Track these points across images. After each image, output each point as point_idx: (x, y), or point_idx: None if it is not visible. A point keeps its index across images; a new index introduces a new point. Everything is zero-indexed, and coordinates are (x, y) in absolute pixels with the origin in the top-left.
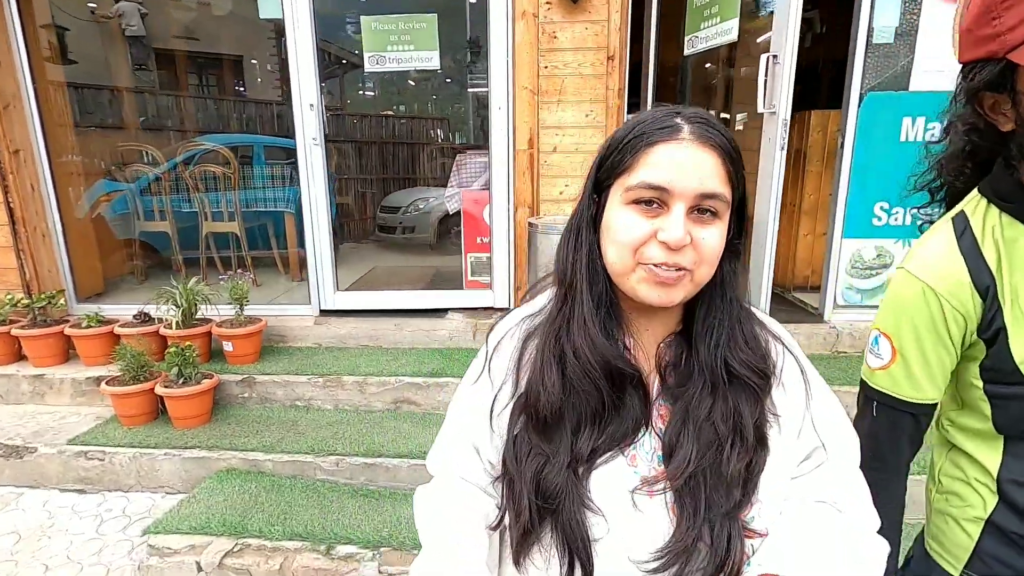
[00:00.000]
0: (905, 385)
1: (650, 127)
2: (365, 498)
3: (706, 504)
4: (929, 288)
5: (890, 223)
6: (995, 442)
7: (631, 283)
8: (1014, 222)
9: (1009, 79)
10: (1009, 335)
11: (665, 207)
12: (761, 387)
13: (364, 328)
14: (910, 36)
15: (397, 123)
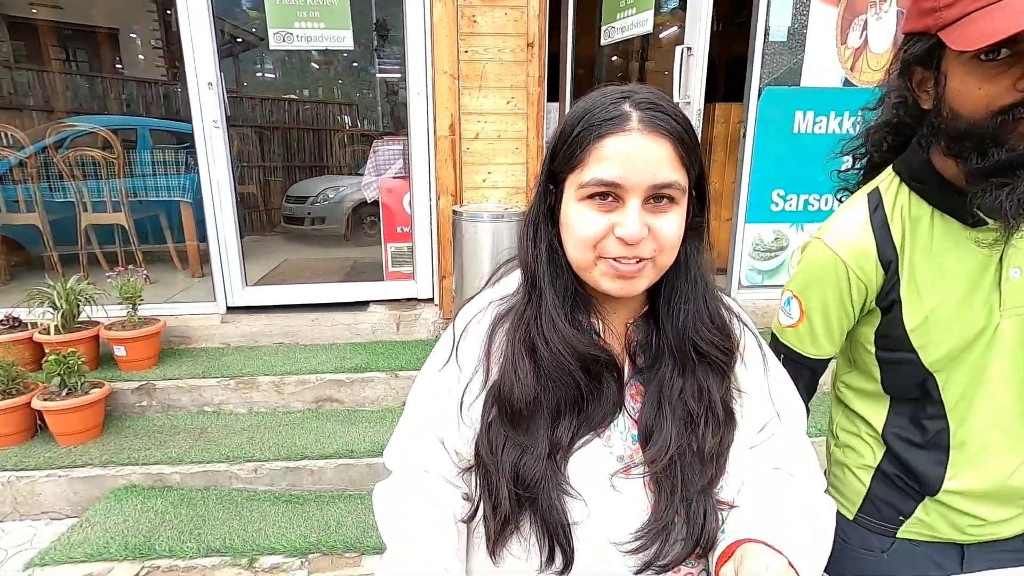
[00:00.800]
0: (808, 343)
1: (598, 118)
2: (289, 504)
3: (682, 482)
4: (840, 259)
5: (786, 209)
6: (882, 401)
7: (593, 276)
8: (921, 202)
9: (936, 57)
10: (903, 306)
11: (620, 201)
12: (727, 364)
13: (278, 325)
14: (801, 35)
15: (301, 107)
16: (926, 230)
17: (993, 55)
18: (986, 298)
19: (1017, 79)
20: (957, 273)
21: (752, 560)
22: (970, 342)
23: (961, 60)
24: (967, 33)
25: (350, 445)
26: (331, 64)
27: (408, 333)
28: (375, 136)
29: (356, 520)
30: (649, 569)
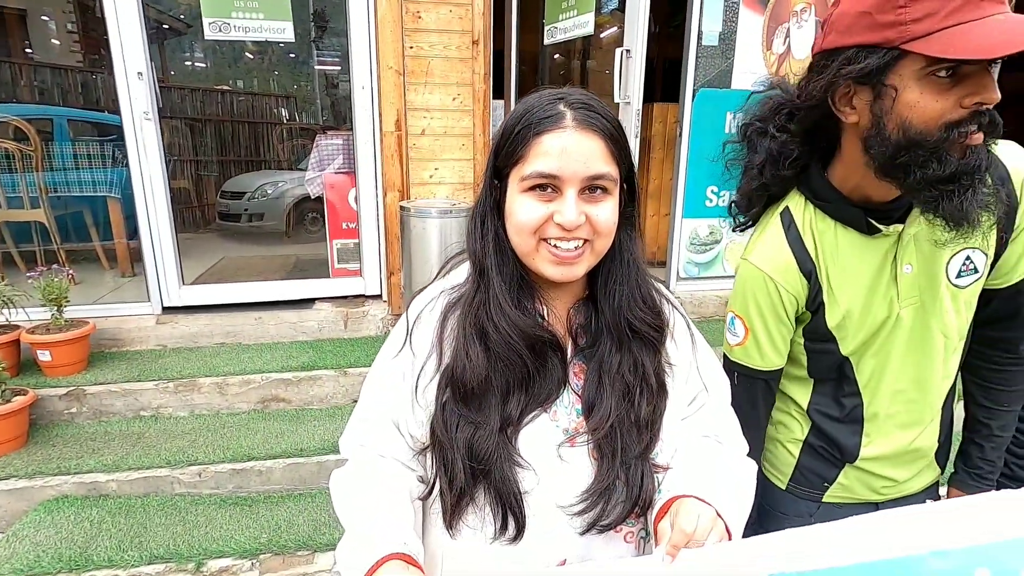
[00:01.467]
0: (756, 357)
1: (536, 116)
2: (236, 506)
3: (622, 448)
4: (768, 277)
5: (719, 204)
6: (807, 383)
7: (536, 263)
8: (824, 216)
9: (885, 71)
10: (825, 307)
11: (558, 192)
12: (658, 340)
13: (220, 324)
14: (731, 41)
15: (235, 99)
16: (832, 241)
17: (948, 72)
18: (886, 292)
19: (962, 96)
20: (861, 275)
21: (685, 512)
22: (877, 330)
23: (918, 75)
24: (958, 45)
25: (299, 444)
26: (265, 55)
27: (356, 330)
28: (316, 130)
29: (308, 518)
30: (593, 529)
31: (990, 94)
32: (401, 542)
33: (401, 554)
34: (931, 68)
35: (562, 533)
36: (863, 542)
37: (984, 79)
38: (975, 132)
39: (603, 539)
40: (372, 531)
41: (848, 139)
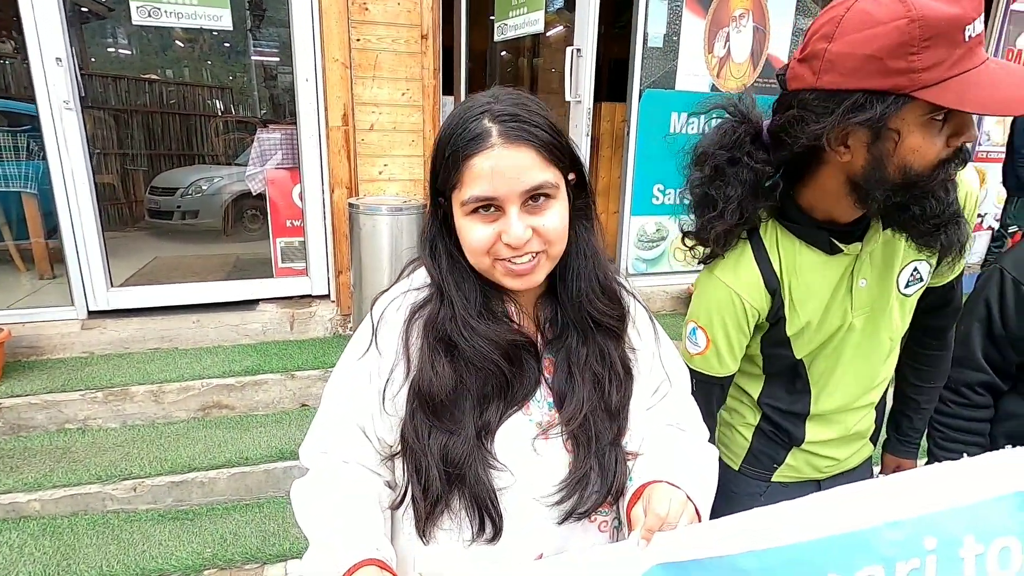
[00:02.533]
0: (716, 365)
1: (463, 139)
2: (176, 521)
3: (596, 436)
4: (735, 293)
5: (665, 202)
6: (759, 378)
7: (496, 277)
8: (790, 236)
9: (887, 115)
10: (786, 319)
11: (501, 210)
12: (620, 329)
13: (153, 328)
14: (674, 43)
15: (167, 90)
16: (796, 258)
17: (941, 116)
18: (841, 303)
19: (949, 137)
20: (821, 289)
21: (658, 497)
22: (831, 336)
23: (920, 120)
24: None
25: (244, 452)
26: (197, 43)
27: (303, 332)
28: (256, 124)
29: (255, 529)
30: (570, 518)
31: (973, 133)
32: (373, 547)
33: (374, 559)
34: (931, 114)
35: (539, 527)
36: (823, 518)
37: (967, 120)
38: (957, 170)
39: (579, 530)
40: (339, 538)
41: (829, 171)
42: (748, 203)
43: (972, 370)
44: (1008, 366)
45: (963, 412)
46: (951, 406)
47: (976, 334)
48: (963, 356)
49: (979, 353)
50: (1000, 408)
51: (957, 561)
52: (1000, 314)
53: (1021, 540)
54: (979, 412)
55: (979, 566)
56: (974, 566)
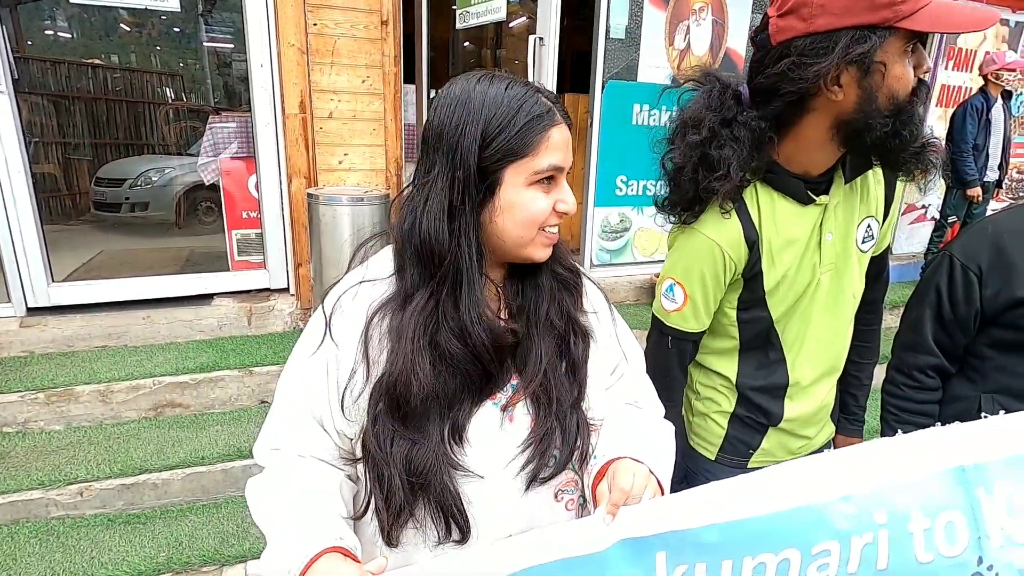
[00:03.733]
0: (692, 321)
1: (536, 110)
2: (128, 525)
3: (557, 399)
4: (716, 244)
5: (628, 193)
6: (734, 356)
7: (529, 250)
8: (768, 188)
9: (873, 49)
10: (763, 273)
11: (554, 181)
12: (575, 283)
13: (100, 325)
14: (636, 35)
15: (110, 75)
16: (773, 209)
17: (911, 47)
18: (811, 258)
19: (915, 67)
20: (796, 240)
21: (622, 472)
22: (801, 295)
23: (899, 51)
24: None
25: (200, 452)
26: (144, 27)
27: (261, 326)
28: (208, 112)
29: (213, 531)
30: (535, 482)
31: (928, 63)
32: (335, 537)
33: (336, 547)
34: (908, 44)
35: (508, 511)
36: (780, 491)
37: (923, 53)
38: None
39: (546, 509)
40: (295, 534)
41: (814, 119)
42: (748, 160)
43: (924, 354)
44: (956, 349)
45: (915, 395)
46: (904, 389)
47: (927, 319)
48: (915, 341)
49: (930, 338)
50: (948, 391)
51: (907, 536)
52: (949, 299)
53: (964, 514)
54: (930, 395)
55: (928, 541)
56: (924, 541)
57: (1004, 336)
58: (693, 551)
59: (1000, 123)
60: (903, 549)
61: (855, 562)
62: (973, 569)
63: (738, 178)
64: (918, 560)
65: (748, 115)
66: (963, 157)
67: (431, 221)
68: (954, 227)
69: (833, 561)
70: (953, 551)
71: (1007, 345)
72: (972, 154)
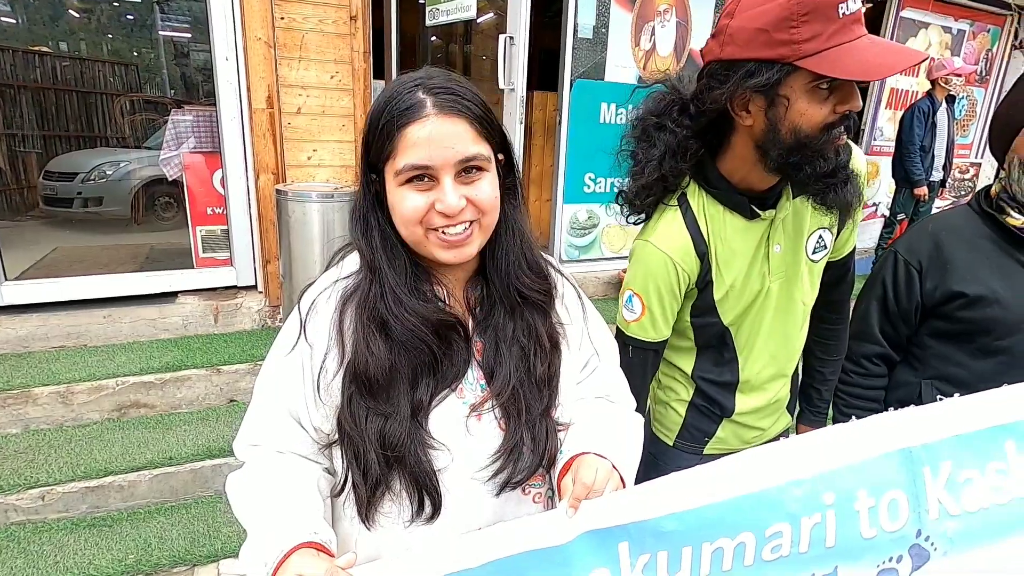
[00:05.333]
0: (651, 331)
1: (397, 108)
2: (93, 528)
3: (526, 408)
4: (669, 258)
5: (596, 191)
6: (691, 353)
7: (429, 250)
8: (714, 202)
9: (779, 84)
10: (713, 284)
11: (435, 180)
12: (547, 303)
13: (58, 325)
14: (603, 34)
15: (60, 64)
16: (720, 223)
17: (827, 85)
18: (760, 268)
19: (836, 104)
20: (743, 253)
21: (585, 467)
22: (752, 302)
23: (805, 88)
24: (845, 66)
25: (168, 452)
26: (94, 14)
27: (229, 324)
28: (167, 104)
29: (183, 531)
30: (506, 487)
31: (856, 102)
32: (310, 531)
33: (311, 543)
34: (815, 82)
35: (476, 503)
36: (735, 479)
37: (852, 90)
38: (843, 134)
39: (514, 502)
40: (273, 526)
41: (740, 138)
42: (667, 162)
43: (870, 343)
44: (900, 339)
45: (862, 381)
46: (852, 376)
47: (874, 311)
48: (862, 331)
49: (876, 328)
50: (893, 378)
51: (853, 514)
52: (894, 292)
53: (906, 492)
54: (876, 381)
55: (872, 518)
56: (868, 519)
57: (941, 327)
58: (654, 540)
59: (944, 126)
60: (849, 527)
61: (805, 542)
62: (912, 541)
63: (652, 177)
64: (862, 536)
65: (681, 122)
66: (911, 158)
67: (352, 219)
68: (902, 224)
69: (785, 542)
70: (895, 526)
71: (944, 335)
72: (919, 155)
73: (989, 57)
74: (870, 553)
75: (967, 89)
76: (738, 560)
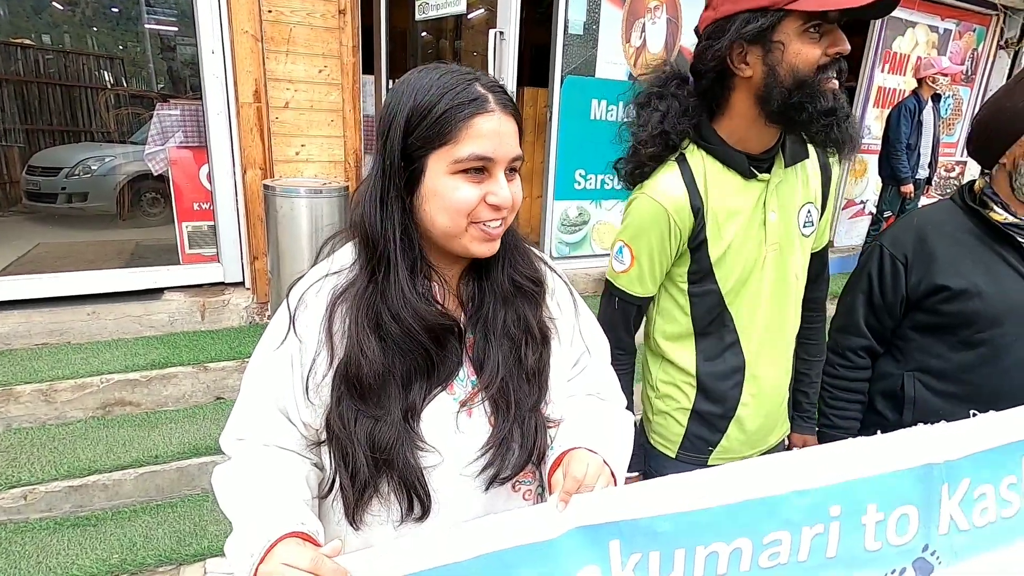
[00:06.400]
0: (637, 284)
1: (461, 98)
2: (77, 528)
3: (516, 402)
4: (663, 208)
5: (587, 187)
6: (691, 341)
7: (462, 242)
8: (713, 160)
9: (773, 30)
10: (708, 242)
11: (487, 172)
12: (538, 294)
13: (40, 322)
14: (594, 31)
15: (43, 57)
16: (718, 181)
17: (816, 29)
18: (756, 235)
19: (827, 47)
20: (740, 212)
21: (576, 462)
22: (750, 271)
23: (798, 31)
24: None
25: (153, 451)
26: (78, 6)
27: (216, 321)
28: (152, 97)
29: (169, 530)
30: (495, 482)
31: (844, 45)
32: (297, 522)
33: (296, 532)
34: (806, 25)
35: (466, 500)
36: (734, 485)
37: (839, 34)
38: (834, 76)
39: (504, 497)
40: (258, 517)
41: (739, 94)
42: (669, 120)
43: (855, 336)
44: (885, 331)
45: (848, 374)
46: (838, 368)
47: (860, 304)
48: (848, 324)
49: (862, 321)
50: (876, 369)
51: (859, 527)
52: (879, 285)
53: (919, 508)
54: (860, 373)
55: (879, 532)
56: (874, 532)
57: (925, 320)
58: (646, 540)
59: (930, 124)
60: (853, 539)
61: (805, 551)
62: (918, 555)
63: (656, 132)
64: (866, 548)
65: (679, 89)
66: (898, 156)
67: (367, 208)
68: (889, 221)
69: (784, 550)
70: (902, 540)
71: (927, 328)
72: (905, 153)
73: (975, 57)
74: (872, 566)
75: (953, 88)
76: (733, 565)
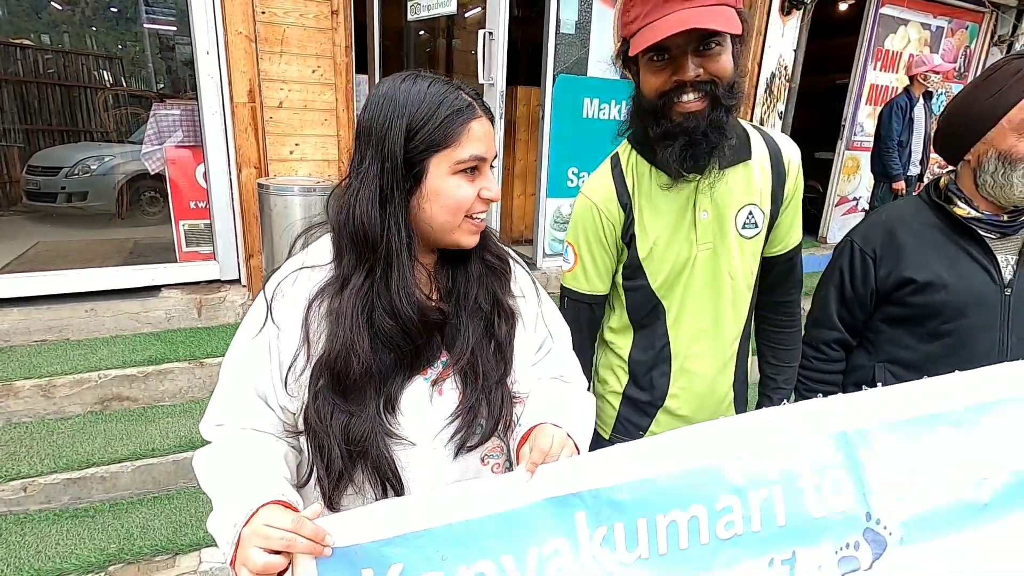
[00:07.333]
0: (583, 282)
1: (457, 105)
2: (75, 519)
3: (483, 374)
4: (592, 203)
5: (580, 185)
6: (629, 332)
7: (455, 236)
8: (643, 160)
9: (627, 56)
10: (636, 239)
11: (478, 171)
12: (506, 271)
13: (39, 319)
14: (586, 30)
15: (43, 57)
16: (647, 180)
17: (658, 58)
18: (687, 234)
19: (670, 75)
20: (668, 212)
21: (542, 435)
22: (680, 270)
23: (644, 60)
24: (637, 41)
25: (150, 444)
26: (78, 6)
27: (212, 318)
28: (152, 98)
29: (165, 521)
30: (463, 450)
31: (684, 73)
32: (278, 492)
33: (279, 500)
34: (648, 55)
35: (437, 471)
36: (681, 451)
37: (682, 62)
38: (686, 101)
39: (473, 473)
40: (237, 491)
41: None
42: (633, 120)
43: (828, 329)
44: (856, 324)
45: (822, 366)
46: (812, 361)
47: (832, 298)
48: (821, 317)
49: (834, 314)
50: (849, 361)
51: (799, 491)
52: (851, 279)
53: (847, 472)
54: (834, 365)
55: (820, 496)
56: (814, 497)
57: (894, 312)
58: (609, 510)
59: (922, 121)
60: (797, 504)
61: (757, 519)
62: (863, 524)
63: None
64: (812, 515)
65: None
66: (889, 153)
67: (364, 208)
68: None
69: (737, 518)
70: (842, 503)
71: (896, 320)
72: (897, 150)
73: (967, 54)
74: (825, 536)
75: (945, 86)
76: (694, 536)
